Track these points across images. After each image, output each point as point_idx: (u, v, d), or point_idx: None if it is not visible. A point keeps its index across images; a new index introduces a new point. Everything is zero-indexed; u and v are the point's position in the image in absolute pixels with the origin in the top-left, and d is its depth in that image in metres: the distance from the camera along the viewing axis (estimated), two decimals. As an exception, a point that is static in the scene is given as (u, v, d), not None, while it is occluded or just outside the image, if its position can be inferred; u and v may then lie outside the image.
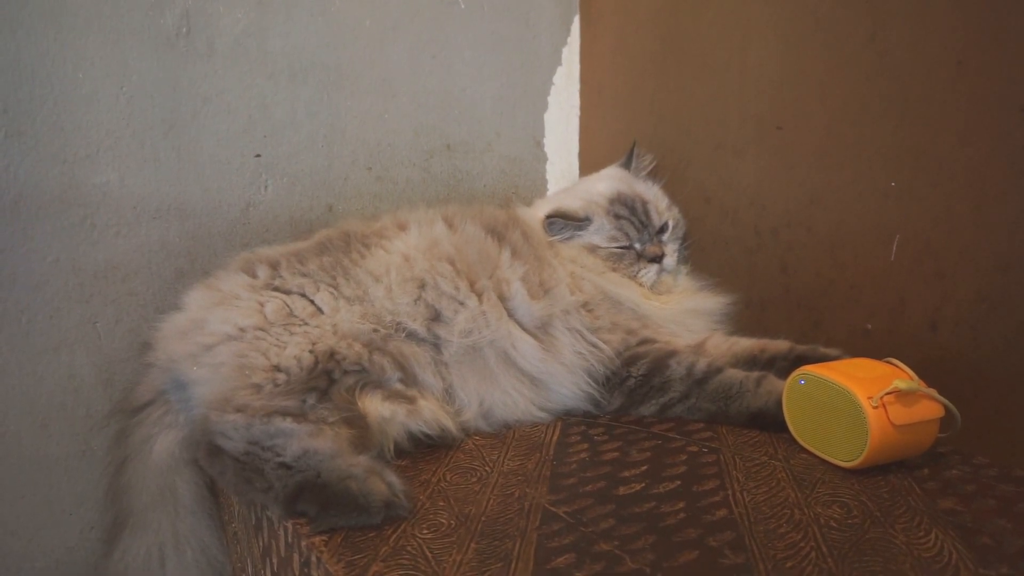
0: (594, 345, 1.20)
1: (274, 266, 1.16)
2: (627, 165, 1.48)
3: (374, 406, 1.02)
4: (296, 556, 0.87)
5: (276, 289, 1.13)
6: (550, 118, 1.84)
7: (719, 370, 1.15)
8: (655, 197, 1.42)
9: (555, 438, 1.10)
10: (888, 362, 1.00)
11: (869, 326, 1.27)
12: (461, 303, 1.15)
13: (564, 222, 1.34)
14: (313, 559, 0.82)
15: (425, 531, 0.84)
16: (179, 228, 1.39)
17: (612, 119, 1.79)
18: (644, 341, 1.22)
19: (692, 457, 1.01)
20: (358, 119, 1.57)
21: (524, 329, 1.17)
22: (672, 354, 1.18)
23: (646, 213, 1.36)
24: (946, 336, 1.17)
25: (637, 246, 1.35)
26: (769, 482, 0.93)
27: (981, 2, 1.09)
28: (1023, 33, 1.05)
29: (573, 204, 1.38)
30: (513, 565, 0.76)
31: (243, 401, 0.98)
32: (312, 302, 1.12)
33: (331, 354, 1.04)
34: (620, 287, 1.29)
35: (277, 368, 1.02)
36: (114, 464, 1.11)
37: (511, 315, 1.18)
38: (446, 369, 1.12)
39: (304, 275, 1.14)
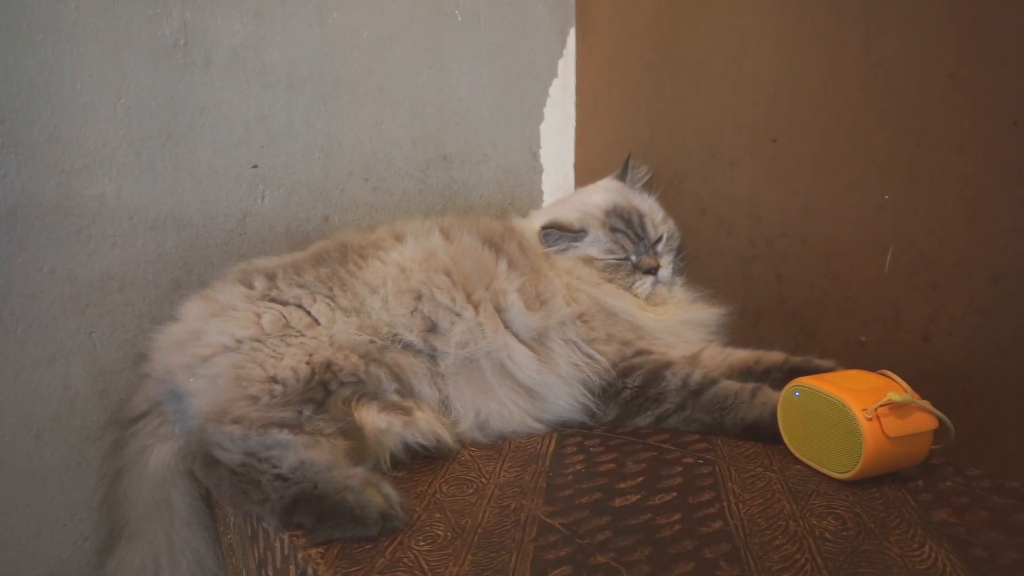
0: (590, 356, 1.20)
1: (271, 277, 1.16)
2: (622, 177, 1.49)
3: (370, 417, 1.02)
4: (292, 568, 0.87)
5: (273, 300, 1.13)
6: (546, 129, 1.85)
7: (714, 382, 1.15)
8: (651, 209, 1.42)
9: (551, 449, 1.10)
10: (882, 374, 1.00)
11: (863, 338, 1.27)
12: (457, 314, 1.15)
13: (560, 233, 1.34)
14: (309, 571, 0.82)
15: (421, 543, 0.84)
16: (176, 239, 1.39)
17: (608, 130, 1.80)
18: (640, 352, 1.22)
19: (688, 469, 1.02)
20: (355, 130, 1.58)
21: (520, 340, 1.18)
22: (667, 365, 1.18)
23: (642, 225, 1.37)
24: (940, 347, 1.18)
25: (633, 258, 1.35)
26: (764, 494, 0.94)
27: (974, 16, 1.11)
28: (1015, 47, 1.06)
29: (569, 216, 1.39)
30: (509, 577, 0.77)
31: (239, 412, 0.97)
32: (308, 313, 1.12)
33: (327, 365, 1.04)
34: (616, 298, 1.29)
35: (274, 379, 1.02)
36: (109, 475, 1.11)
37: (507, 326, 1.18)
38: (442, 380, 1.13)
39: (301, 286, 1.15)
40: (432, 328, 1.14)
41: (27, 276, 1.27)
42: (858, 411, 0.93)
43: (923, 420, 0.95)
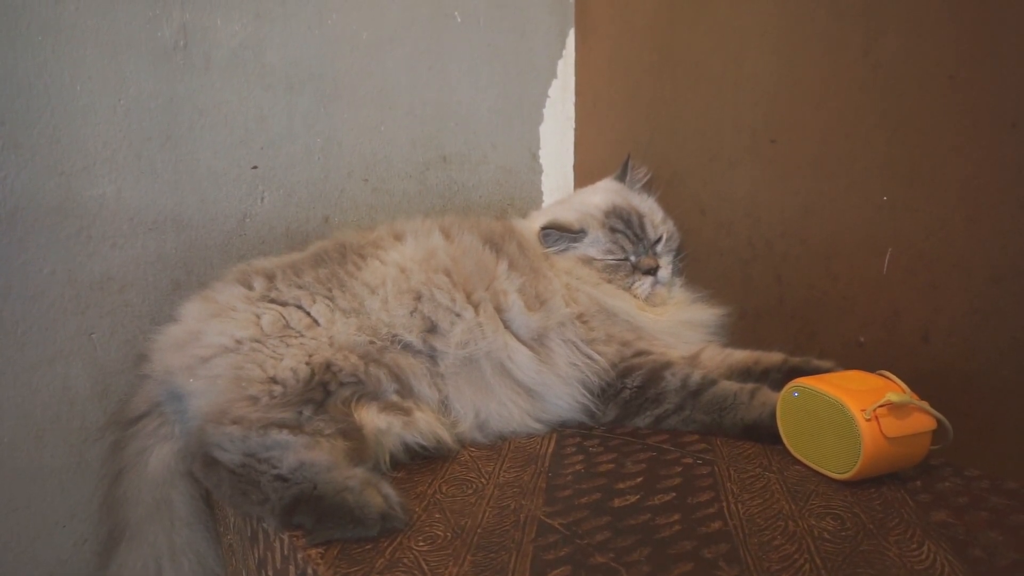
0: (589, 357, 1.20)
1: (270, 278, 1.16)
2: (622, 178, 1.49)
3: (370, 418, 1.02)
4: (292, 568, 0.87)
5: (272, 301, 1.13)
6: (545, 130, 1.85)
7: (713, 382, 1.15)
8: (650, 210, 1.43)
9: (550, 450, 1.10)
10: (881, 374, 1.01)
11: (862, 339, 1.28)
12: (457, 315, 1.15)
13: (559, 234, 1.35)
14: (309, 571, 0.82)
15: (421, 543, 0.84)
16: (175, 240, 1.39)
17: (607, 131, 1.80)
18: (639, 353, 1.22)
19: (687, 469, 1.02)
20: (354, 131, 1.58)
21: (520, 340, 1.18)
22: (667, 366, 1.18)
23: (641, 226, 1.37)
24: (939, 347, 1.18)
25: (632, 258, 1.35)
26: (763, 494, 0.94)
27: (974, 17, 1.11)
28: (1015, 48, 1.07)
29: (569, 216, 1.39)
30: (509, 578, 0.77)
31: (239, 413, 0.98)
32: (308, 314, 1.12)
33: (327, 366, 1.04)
34: (615, 299, 1.29)
35: (273, 380, 1.02)
36: (109, 476, 1.11)
37: (507, 326, 1.18)
38: (442, 381, 1.13)
39: (300, 287, 1.15)
40: (432, 328, 1.14)
41: (27, 277, 1.27)
42: (857, 412, 0.93)
43: (922, 421, 0.95)
